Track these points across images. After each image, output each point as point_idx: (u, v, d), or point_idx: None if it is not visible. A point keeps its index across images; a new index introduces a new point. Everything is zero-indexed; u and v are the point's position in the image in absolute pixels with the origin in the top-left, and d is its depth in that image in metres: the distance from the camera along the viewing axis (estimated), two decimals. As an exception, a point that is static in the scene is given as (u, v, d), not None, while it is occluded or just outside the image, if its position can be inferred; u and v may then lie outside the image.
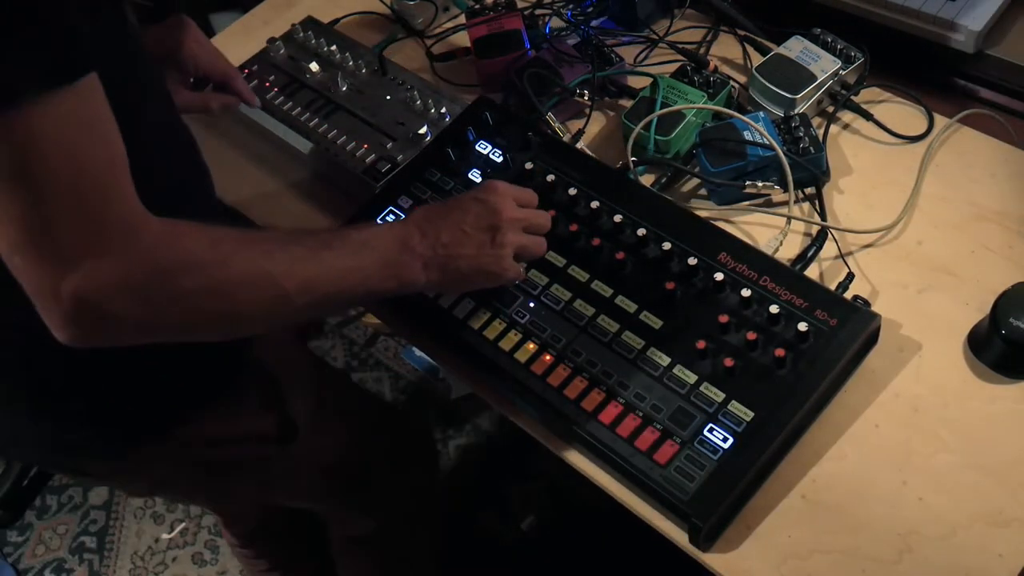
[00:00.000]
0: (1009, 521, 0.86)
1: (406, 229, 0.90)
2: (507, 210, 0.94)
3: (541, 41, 1.27)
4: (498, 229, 0.92)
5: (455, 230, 0.91)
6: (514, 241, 0.94)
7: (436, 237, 0.90)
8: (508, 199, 0.95)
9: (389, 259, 0.88)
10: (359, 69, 1.29)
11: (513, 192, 0.96)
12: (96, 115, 0.70)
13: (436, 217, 0.92)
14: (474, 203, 0.93)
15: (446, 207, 0.93)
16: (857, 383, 0.95)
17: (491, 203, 0.93)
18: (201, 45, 1.13)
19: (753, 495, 0.90)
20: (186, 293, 0.75)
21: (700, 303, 0.96)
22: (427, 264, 0.90)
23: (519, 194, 0.97)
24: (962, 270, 1.02)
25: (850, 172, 1.12)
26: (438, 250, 0.90)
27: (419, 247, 0.89)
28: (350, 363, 2.16)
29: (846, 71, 1.16)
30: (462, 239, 0.91)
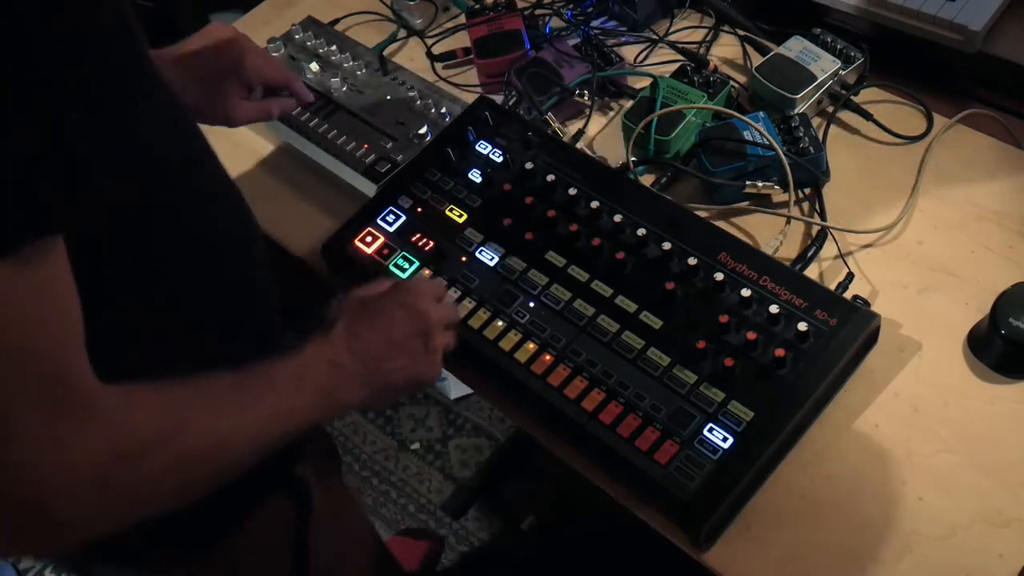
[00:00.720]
0: (1009, 521, 0.86)
1: (334, 348, 0.84)
2: (433, 312, 0.90)
3: (541, 41, 1.27)
4: (428, 334, 0.88)
5: (384, 342, 0.86)
6: (443, 343, 0.90)
7: (366, 352, 0.84)
8: (431, 299, 0.91)
9: (324, 387, 0.81)
10: (359, 69, 1.29)
11: (432, 290, 0.93)
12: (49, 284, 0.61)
13: (362, 330, 0.86)
14: (399, 309, 0.88)
15: (369, 315, 0.88)
16: (857, 383, 0.95)
17: (418, 307, 0.89)
18: (261, 56, 1.07)
19: (753, 495, 0.90)
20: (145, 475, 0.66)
21: (700, 303, 0.96)
22: (359, 382, 0.84)
23: (437, 290, 0.94)
24: (962, 270, 1.02)
25: (850, 172, 1.12)
26: (369, 365, 0.84)
27: (350, 366, 0.83)
28: (350, 363, 2.16)
29: (846, 71, 1.16)
30: (394, 351, 0.86)
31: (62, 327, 0.62)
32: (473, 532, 1.88)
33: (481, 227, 1.06)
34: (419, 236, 1.07)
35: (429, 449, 2.00)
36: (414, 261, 1.05)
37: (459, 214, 1.08)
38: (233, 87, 1.05)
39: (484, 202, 1.08)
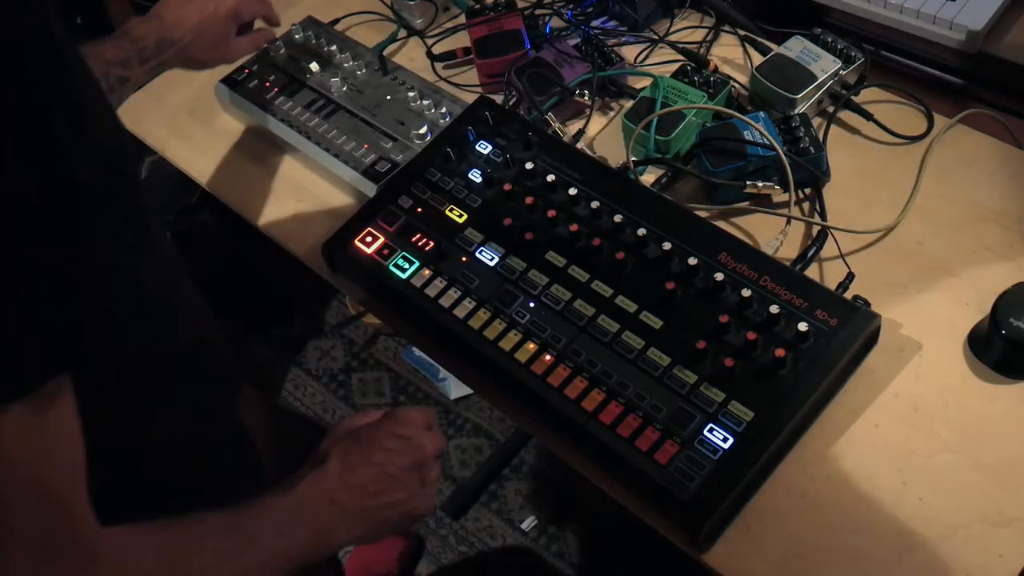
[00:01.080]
0: (1009, 521, 0.86)
1: (330, 483, 0.80)
2: (428, 444, 0.87)
3: (541, 41, 1.27)
4: (424, 466, 0.86)
5: (381, 477, 0.83)
6: (437, 474, 0.88)
7: (363, 487, 0.81)
8: (423, 429, 0.88)
9: (322, 527, 0.79)
10: (359, 69, 1.29)
11: (423, 418, 0.90)
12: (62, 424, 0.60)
13: (357, 463, 0.83)
14: (395, 440, 0.85)
15: (363, 448, 0.84)
16: (857, 383, 0.95)
17: (413, 439, 0.86)
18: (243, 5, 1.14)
19: (753, 495, 0.90)
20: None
21: (700, 303, 0.96)
22: (357, 519, 0.81)
23: (428, 417, 0.91)
24: (962, 270, 1.02)
25: (850, 172, 1.12)
26: (365, 501, 0.81)
27: (347, 502, 0.80)
28: (350, 363, 2.16)
29: (846, 71, 1.16)
30: (391, 485, 0.83)
31: (71, 469, 0.61)
32: (473, 532, 1.88)
33: (481, 227, 1.06)
34: (419, 236, 1.07)
35: (429, 449, 2.00)
36: (414, 261, 1.05)
37: (459, 214, 1.08)
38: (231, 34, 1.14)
39: (484, 202, 1.08)
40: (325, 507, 0.79)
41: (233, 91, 1.29)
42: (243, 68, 1.31)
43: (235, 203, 1.24)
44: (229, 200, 1.24)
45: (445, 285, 1.02)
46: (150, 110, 1.35)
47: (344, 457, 0.83)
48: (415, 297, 1.03)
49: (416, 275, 1.04)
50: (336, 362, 2.17)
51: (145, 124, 1.33)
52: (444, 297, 1.02)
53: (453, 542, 1.88)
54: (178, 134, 1.32)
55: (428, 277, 1.04)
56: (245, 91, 1.29)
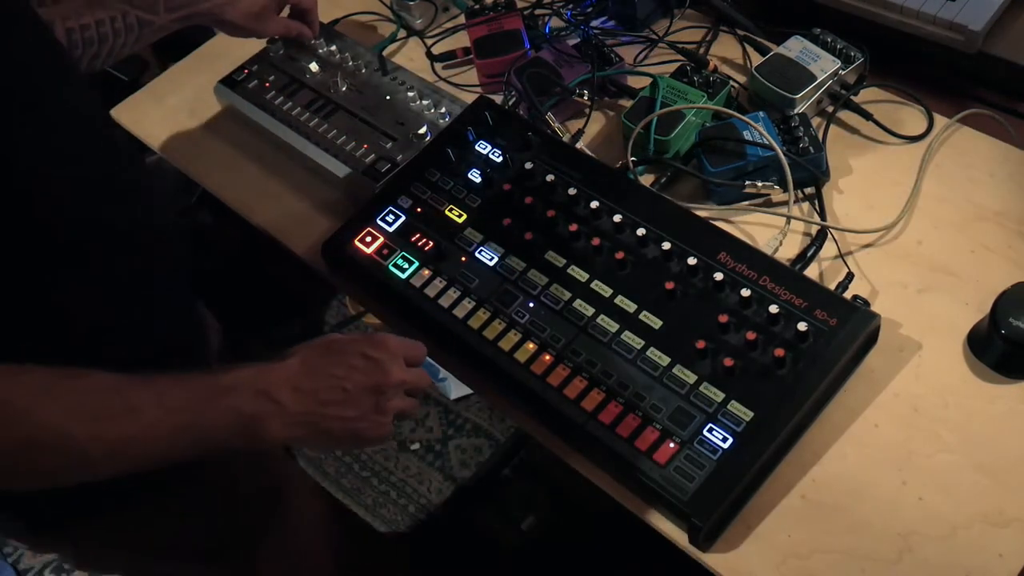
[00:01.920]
0: (1009, 521, 0.86)
1: (272, 379, 0.80)
2: (396, 372, 0.85)
3: (541, 41, 1.27)
4: (383, 393, 0.84)
5: (336, 388, 0.82)
6: (397, 407, 0.86)
7: (314, 394, 0.80)
8: (399, 359, 0.86)
9: (246, 412, 0.77)
10: (359, 69, 1.29)
11: (404, 349, 0.88)
12: None
13: (316, 369, 0.82)
14: (361, 359, 0.84)
15: (329, 356, 0.84)
16: (857, 383, 0.95)
17: (381, 362, 0.84)
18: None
19: (753, 495, 0.90)
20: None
21: (700, 303, 0.96)
22: (292, 422, 0.79)
23: (409, 351, 0.89)
24: (962, 270, 1.02)
25: (850, 172, 1.12)
26: (310, 406, 0.80)
27: (288, 402, 0.79)
28: (350, 363, 2.15)
29: (846, 71, 1.16)
30: (343, 399, 0.82)
31: None
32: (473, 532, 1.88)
33: (481, 227, 1.06)
34: (419, 236, 1.07)
35: (429, 449, 2.00)
36: (414, 261, 1.05)
37: (459, 214, 1.08)
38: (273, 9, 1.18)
39: (484, 202, 1.08)
40: (255, 397, 0.78)
41: (233, 91, 1.29)
42: (243, 68, 1.31)
43: (235, 203, 1.24)
44: (229, 200, 1.24)
45: (445, 285, 1.02)
46: (150, 110, 1.35)
47: (305, 360, 0.82)
48: (415, 297, 1.03)
49: (416, 275, 1.04)
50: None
51: (145, 124, 1.33)
52: (444, 297, 1.02)
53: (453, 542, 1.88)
54: (178, 134, 1.32)
55: (428, 277, 1.04)
56: (245, 91, 1.28)
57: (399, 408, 0.86)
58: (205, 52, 1.42)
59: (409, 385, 0.87)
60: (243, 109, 1.28)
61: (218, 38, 1.44)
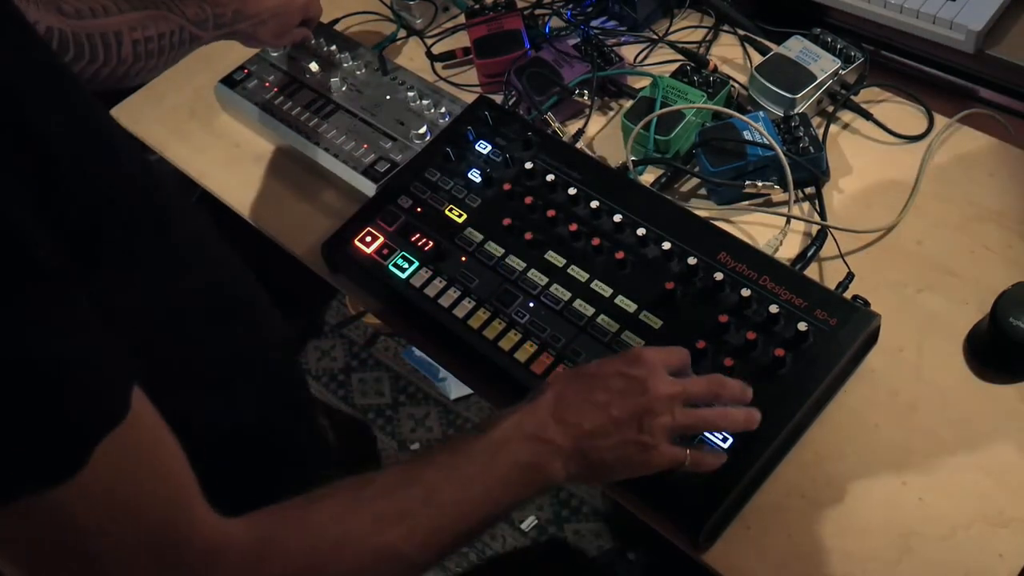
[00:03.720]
0: (1009, 521, 0.86)
1: (538, 418, 0.74)
2: (660, 387, 0.77)
3: (541, 41, 1.27)
4: (647, 412, 0.76)
5: (599, 415, 0.75)
6: (666, 424, 0.76)
7: (578, 425, 0.74)
8: (659, 370, 0.78)
9: (524, 462, 0.72)
10: (359, 69, 1.29)
11: (664, 359, 0.80)
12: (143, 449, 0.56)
13: (575, 399, 0.76)
14: (619, 379, 0.77)
15: (584, 383, 0.77)
16: (857, 383, 0.95)
17: (639, 378, 0.77)
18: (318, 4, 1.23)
19: (753, 495, 0.89)
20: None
21: (700, 303, 0.96)
22: (568, 457, 0.74)
23: (672, 359, 0.81)
24: (962, 270, 1.02)
25: (850, 172, 1.12)
26: (581, 440, 0.74)
27: (558, 438, 0.74)
28: (350, 363, 2.16)
29: (846, 71, 1.16)
30: (607, 427, 0.75)
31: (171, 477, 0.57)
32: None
33: (481, 227, 1.06)
34: (419, 236, 1.07)
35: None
36: (414, 261, 1.05)
37: (459, 214, 1.08)
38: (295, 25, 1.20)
39: (484, 202, 1.08)
40: (530, 444, 0.73)
41: (233, 91, 1.29)
42: (243, 68, 1.31)
43: (235, 203, 1.24)
44: (229, 200, 1.24)
45: (445, 285, 1.02)
46: (150, 110, 1.35)
47: (561, 393, 0.77)
48: (415, 297, 1.03)
49: (416, 275, 1.04)
50: (336, 362, 2.17)
51: (145, 124, 1.33)
52: (444, 297, 1.02)
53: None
54: (178, 134, 1.32)
55: (428, 277, 1.03)
56: (245, 91, 1.29)
57: (671, 426, 0.77)
58: (205, 52, 1.41)
59: (682, 397, 0.78)
60: (243, 109, 1.28)
61: (218, 38, 1.44)
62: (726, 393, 0.81)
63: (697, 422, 0.80)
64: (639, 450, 0.76)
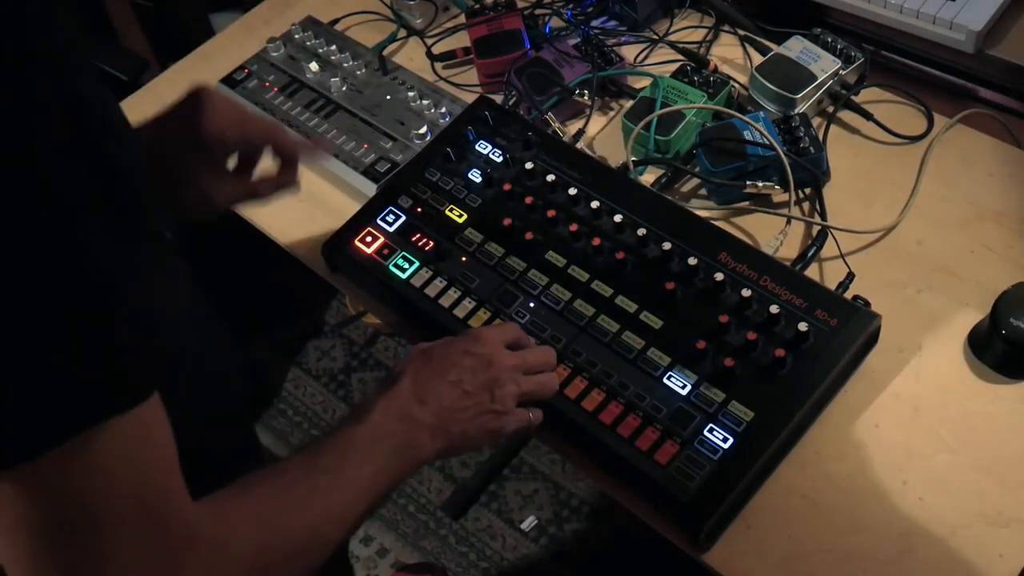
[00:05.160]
0: (1009, 521, 0.86)
1: (402, 401, 0.81)
2: (501, 360, 0.86)
3: (541, 41, 1.27)
4: (496, 382, 0.84)
5: (454, 391, 0.83)
6: (514, 392, 0.85)
7: (437, 402, 0.82)
8: (499, 346, 0.87)
9: (400, 443, 0.79)
10: (359, 69, 1.29)
11: (501, 336, 0.89)
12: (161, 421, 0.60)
13: (431, 378, 0.83)
14: (466, 357, 0.85)
15: (436, 365, 0.85)
16: (857, 383, 0.95)
17: (483, 355, 0.85)
18: (222, 113, 0.88)
19: (753, 495, 0.90)
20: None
21: (700, 303, 0.96)
22: (434, 433, 0.81)
23: (507, 335, 0.90)
24: (962, 270, 1.02)
25: (850, 172, 1.12)
26: (441, 415, 0.81)
27: (422, 416, 0.81)
28: (350, 363, 2.16)
29: (846, 71, 1.16)
30: (463, 400, 0.83)
31: (166, 461, 0.61)
32: (473, 532, 1.88)
33: (481, 227, 1.06)
34: (419, 236, 1.07)
35: (429, 449, 2.00)
36: (414, 261, 1.05)
37: (459, 214, 1.08)
38: (199, 160, 0.88)
39: (484, 202, 1.08)
40: (400, 424, 0.80)
41: (233, 91, 1.29)
42: (243, 68, 1.31)
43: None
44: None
45: (445, 285, 1.02)
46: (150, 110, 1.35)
47: (416, 375, 0.83)
48: (415, 297, 1.03)
49: (416, 275, 1.04)
50: (336, 362, 2.17)
51: (145, 124, 1.33)
52: (444, 297, 1.02)
53: (453, 542, 1.88)
54: (178, 134, 1.31)
55: (428, 277, 1.04)
56: (245, 91, 1.28)
57: (516, 393, 0.86)
58: (205, 52, 1.42)
59: (522, 367, 0.87)
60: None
61: (218, 38, 1.44)
62: (554, 360, 0.92)
63: (538, 387, 0.88)
64: (493, 417, 0.84)
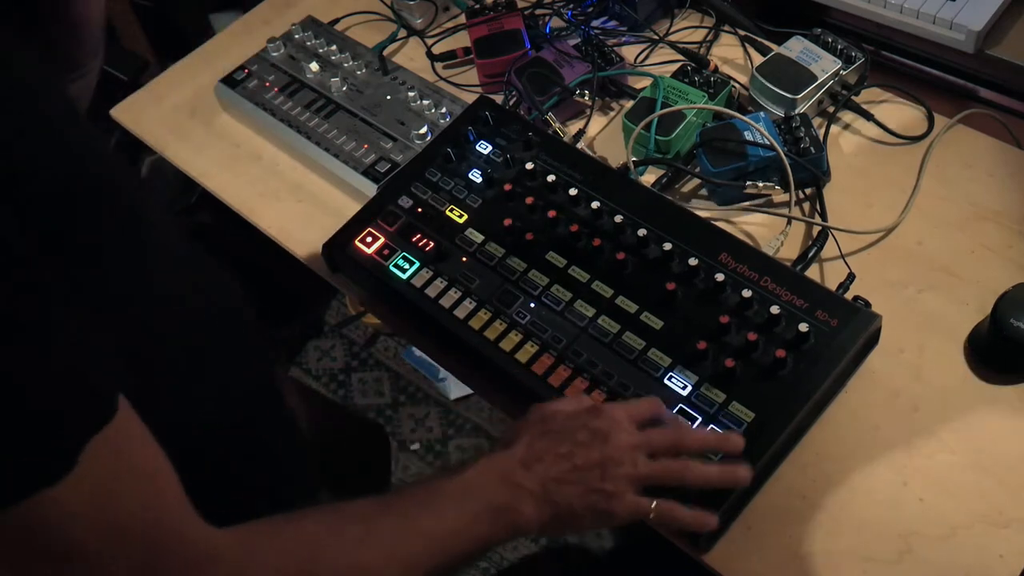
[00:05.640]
0: (1009, 521, 0.86)
1: (509, 463, 0.77)
2: (622, 439, 0.79)
3: (541, 41, 1.27)
4: (609, 462, 0.78)
5: (564, 464, 0.77)
6: (629, 475, 0.79)
7: (545, 472, 0.77)
8: (622, 423, 0.81)
9: (496, 504, 0.75)
10: (359, 69, 1.29)
11: (628, 412, 0.82)
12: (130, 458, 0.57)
13: (542, 447, 0.78)
14: (582, 431, 0.80)
15: (551, 434, 0.80)
16: (858, 384, 0.95)
17: (601, 430, 0.79)
18: None
19: (754, 495, 0.90)
20: None
21: (701, 304, 0.96)
22: (538, 501, 0.76)
23: (637, 411, 0.83)
24: (962, 270, 1.02)
25: (850, 172, 1.13)
26: (548, 487, 0.77)
27: (527, 482, 0.76)
28: (350, 363, 2.16)
29: (847, 71, 1.16)
30: (571, 474, 0.77)
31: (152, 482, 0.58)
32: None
33: (481, 227, 1.06)
34: (419, 236, 1.07)
35: (429, 449, 2.00)
36: (414, 261, 1.05)
37: (459, 214, 1.08)
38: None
39: (484, 202, 1.08)
40: (501, 487, 0.76)
41: (233, 91, 1.29)
42: (243, 68, 1.31)
43: (235, 203, 1.23)
44: (229, 200, 1.24)
45: (445, 285, 1.02)
46: (150, 110, 1.35)
47: (531, 443, 0.79)
48: (415, 297, 1.03)
49: (416, 275, 1.04)
50: (336, 362, 2.17)
51: (145, 124, 1.33)
52: (444, 297, 1.02)
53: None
54: (178, 134, 1.32)
55: (428, 277, 1.03)
56: (245, 91, 1.28)
57: (635, 476, 0.79)
58: (205, 52, 1.42)
59: (647, 448, 0.81)
60: (243, 109, 1.28)
61: (218, 38, 1.44)
62: (690, 443, 0.83)
63: (659, 472, 0.81)
64: (603, 499, 0.78)
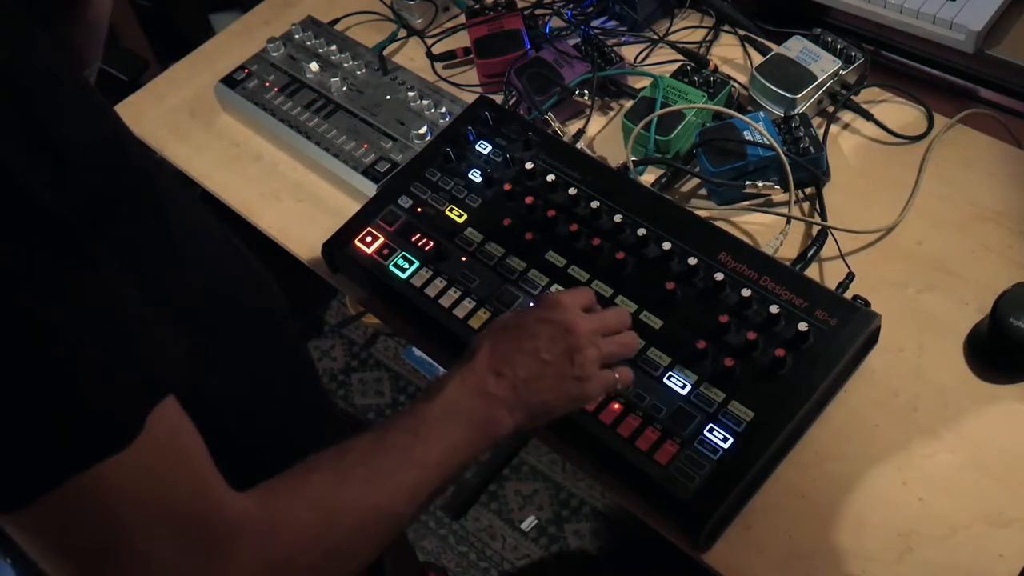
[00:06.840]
0: (1009, 521, 0.86)
1: (478, 376, 0.80)
2: (579, 324, 0.83)
3: (541, 41, 1.27)
4: (576, 349, 0.82)
5: (532, 361, 0.80)
6: (595, 356, 0.83)
7: (514, 375, 0.80)
8: (576, 311, 0.84)
9: (475, 418, 0.78)
10: (359, 69, 1.29)
11: (576, 300, 0.86)
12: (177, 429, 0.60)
13: (507, 351, 0.81)
14: (542, 325, 0.82)
15: (512, 336, 0.82)
16: (857, 383, 0.95)
17: (561, 321, 0.82)
18: None
19: (753, 495, 0.90)
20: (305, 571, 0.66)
21: (700, 303, 0.96)
22: (511, 407, 0.79)
23: (582, 299, 0.87)
24: (962, 270, 1.02)
25: (850, 172, 1.12)
26: (519, 388, 0.79)
27: (499, 391, 0.79)
28: (350, 363, 2.16)
29: (846, 71, 1.16)
30: (542, 370, 0.80)
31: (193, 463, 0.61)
32: (473, 532, 1.88)
33: (481, 227, 1.06)
34: (419, 236, 1.07)
35: (429, 449, 2.00)
36: (414, 261, 1.05)
37: (459, 214, 1.08)
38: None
39: (484, 202, 1.08)
40: (477, 400, 0.78)
41: (233, 91, 1.29)
42: (243, 68, 1.31)
43: (235, 203, 1.24)
44: (229, 200, 1.24)
45: (445, 285, 1.02)
46: (150, 110, 1.35)
47: (493, 348, 0.81)
48: (415, 297, 1.03)
49: (416, 275, 1.04)
50: (336, 362, 2.16)
51: (145, 124, 1.33)
52: (444, 297, 1.02)
53: (453, 542, 1.88)
54: (178, 134, 1.32)
55: (428, 277, 1.04)
56: (245, 91, 1.29)
57: (597, 357, 0.83)
58: (205, 52, 1.42)
59: (601, 329, 0.85)
60: (243, 109, 1.28)
61: (218, 38, 1.44)
62: (629, 320, 0.89)
63: (619, 348, 0.86)
64: (575, 384, 0.82)
